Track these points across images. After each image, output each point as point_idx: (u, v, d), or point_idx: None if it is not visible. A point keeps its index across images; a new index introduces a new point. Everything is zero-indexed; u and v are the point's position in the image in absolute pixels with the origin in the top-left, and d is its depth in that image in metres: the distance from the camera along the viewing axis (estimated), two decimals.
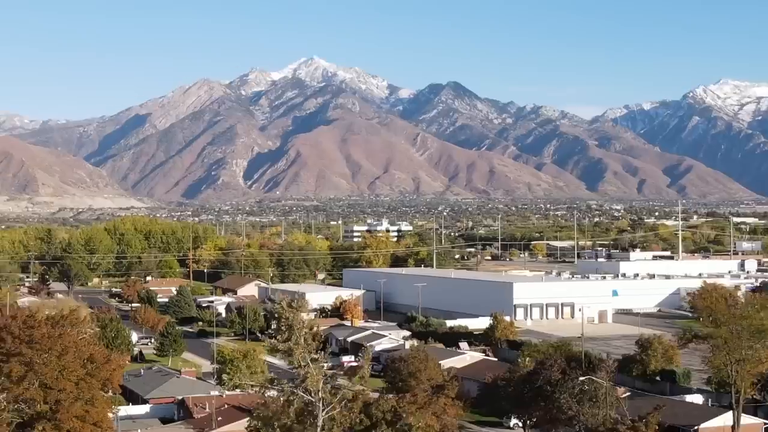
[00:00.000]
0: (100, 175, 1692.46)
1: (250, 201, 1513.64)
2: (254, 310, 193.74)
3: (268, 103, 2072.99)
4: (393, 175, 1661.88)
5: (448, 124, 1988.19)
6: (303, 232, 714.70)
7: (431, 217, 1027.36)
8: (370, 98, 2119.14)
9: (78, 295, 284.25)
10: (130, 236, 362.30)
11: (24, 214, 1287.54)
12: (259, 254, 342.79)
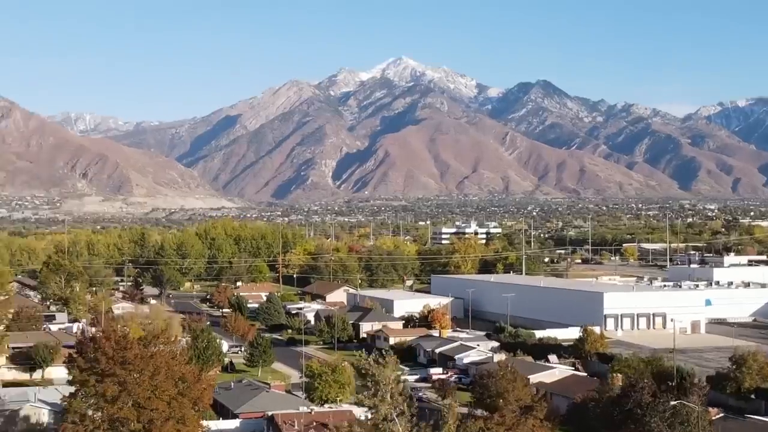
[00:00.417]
0: (191, 176, 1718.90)
1: (339, 201, 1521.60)
2: (343, 319, 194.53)
3: (357, 103, 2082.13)
4: (482, 174, 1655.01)
5: (537, 123, 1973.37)
6: (391, 234, 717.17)
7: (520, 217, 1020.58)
8: (459, 97, 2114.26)
9: (170, 300, 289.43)
10: (221, 241, 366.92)
11: (118, 215, 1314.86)
12: (348, 259, 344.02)
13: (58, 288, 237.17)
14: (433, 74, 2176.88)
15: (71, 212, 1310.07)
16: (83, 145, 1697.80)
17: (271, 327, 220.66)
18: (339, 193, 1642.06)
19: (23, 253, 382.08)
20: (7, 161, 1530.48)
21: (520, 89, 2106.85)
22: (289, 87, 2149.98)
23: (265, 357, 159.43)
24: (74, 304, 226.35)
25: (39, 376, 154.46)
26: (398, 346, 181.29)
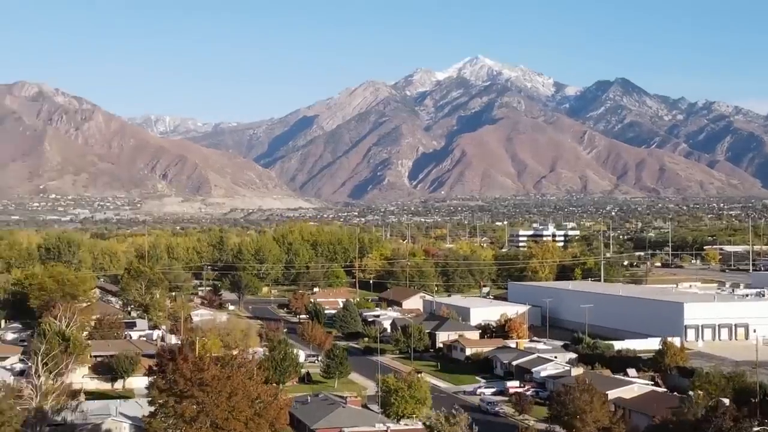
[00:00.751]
0: (269, 176, 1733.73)
1: (415, 201, 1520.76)
2: (419, 329, 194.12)
3: (433, 103, 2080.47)
4: (559, 174, 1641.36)
5: (616, 122, 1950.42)
6: (468, 235, 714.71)
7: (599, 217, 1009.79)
8: (536, 96, 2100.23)
9: (248, 306, 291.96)
10: (298, 245, 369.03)
11: (197, 215, 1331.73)
12: (424, 264, 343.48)
13: (139, 294, 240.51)
14: (510, 73, 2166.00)
15: (151, 213, 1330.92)
16: (163, 146, 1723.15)
17: (348, 335, 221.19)
18: (415, 193, 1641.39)
19: (105, 257, 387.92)
20: (90, 163, 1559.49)
21: (598, 87, 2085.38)
22: (365, 87, 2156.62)
23: (342, 368, 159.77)
24: (154, 310, 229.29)
25: (120, 386, 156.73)
26: (474, 357, 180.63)
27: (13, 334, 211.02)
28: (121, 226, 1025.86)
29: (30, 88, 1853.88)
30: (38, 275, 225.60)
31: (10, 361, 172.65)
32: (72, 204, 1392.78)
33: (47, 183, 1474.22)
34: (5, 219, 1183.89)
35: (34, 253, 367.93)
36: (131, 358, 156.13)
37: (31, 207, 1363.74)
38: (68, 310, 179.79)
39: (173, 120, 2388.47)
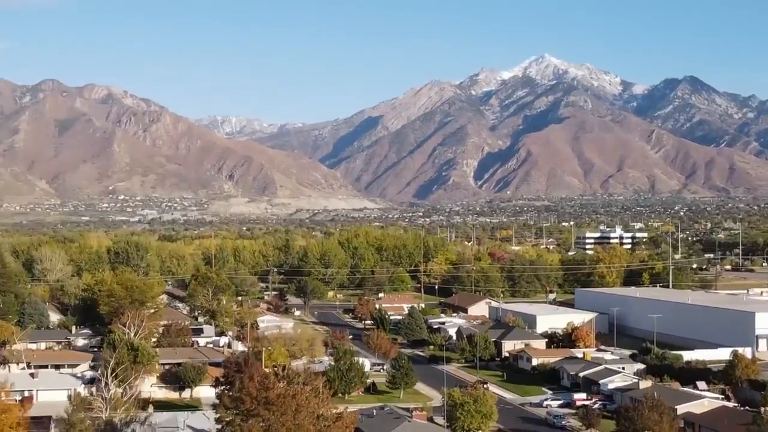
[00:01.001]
0: (334, 177, 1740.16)
1: (481, 201, 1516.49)
2: (485, 338, 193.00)
3: (499, 102, 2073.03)
4: (627, 173, 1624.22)
5: (684, 120, 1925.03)
6: (533, 236, 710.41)
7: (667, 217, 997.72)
8: (603, 95, 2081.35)
9: (313, 311, 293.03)
10: (363, 249, 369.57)
11: (263, 216, 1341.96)
12: (490, 269, 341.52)
13: (206, 300, 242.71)
14: (576, 72, 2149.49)
15: (218, 214, 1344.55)
16: (229, 147, 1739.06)
17: (413, 342, 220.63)
18: (480, 193, 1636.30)
19: (173, 260, 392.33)
20: (157, 164, 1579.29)
21: (666, 86, 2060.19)
22: (430, 87, 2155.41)
23: (407, 379, 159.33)
24: (221, 316, 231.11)
25: (188, 396, 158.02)
26: (541, 367, 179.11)
27: (84, 340, 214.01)
28: (189, 227, 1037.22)
29: (99, 90, 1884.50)
30: (107, 281, 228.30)
31: (80, 368, 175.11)
32: (140, 205, 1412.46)
33: (116, 184, 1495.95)
34: (76, 220, 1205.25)
35: (104, 256, 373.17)
36: (198, 368, 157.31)
37: (101, 208, 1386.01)
38: (137, 317, 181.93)
39: (239, 121, 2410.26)
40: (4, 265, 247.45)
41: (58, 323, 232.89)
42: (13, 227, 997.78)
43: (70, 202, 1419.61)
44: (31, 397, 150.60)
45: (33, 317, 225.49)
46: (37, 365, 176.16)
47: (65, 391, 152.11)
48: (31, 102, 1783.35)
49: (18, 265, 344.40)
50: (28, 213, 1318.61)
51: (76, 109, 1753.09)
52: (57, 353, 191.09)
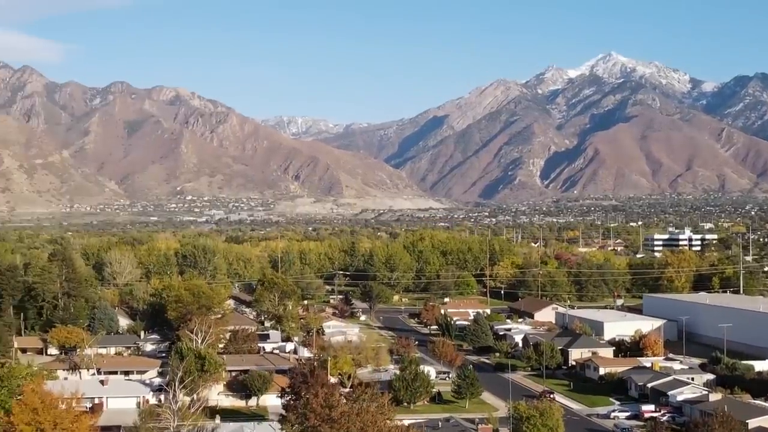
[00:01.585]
0: (399, 177, 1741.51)
1: (547, 201, 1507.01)
2: (551, 347, 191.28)
3: (565, 101, 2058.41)
4: (696, 172, 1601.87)
5: (755, 118, 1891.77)
6: (601, 236, 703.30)
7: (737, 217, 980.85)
8: (671, 93, 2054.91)
9: (379, 316, 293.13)
10: (428, 253, 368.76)
11: (329, 216, 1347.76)
12: (556, 273, 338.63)
13: (272, 306, 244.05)
14: (644, 70, 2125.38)
15: (284, 214, 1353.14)
16: (295, 147, 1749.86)
17: (479, 349, 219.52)
18: (547, 192, 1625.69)
19: (239, 263, 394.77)
20: (225, 164, 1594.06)
21: (736, 83, 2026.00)
22: (496, 86, 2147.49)
23: (473, 389, 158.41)
24: (287, 322, 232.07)
25: (254, 404, 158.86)
26: (608, 377, 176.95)
27: (152, 345, 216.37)
28: (255, 227, 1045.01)
29: (167, 92, 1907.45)
30: (175, 287, 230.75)
31: (148, 375, 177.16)
32: (207, 205, 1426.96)
33: (184, 185, 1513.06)
34: (144, 220, 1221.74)
35: (172, 259, 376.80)
36: (264, 376, 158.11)
37: (169, 208, 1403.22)
38: (204, 323, 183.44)
39: (305, 121, 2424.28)
40: (74, 270, 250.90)
41: (127, 328, 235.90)
42: (84, 228, 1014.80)
43: (138, 202, 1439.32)
44: (102, 404, 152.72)
45: (103, 322, 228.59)
46: (107, 371, 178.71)
47: (134, 399, 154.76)
48: (100, 104, 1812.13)
49: (88, 268, 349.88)
50: (98, 213, 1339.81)
51: (145, 110, 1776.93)
52: (126, 359, 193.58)
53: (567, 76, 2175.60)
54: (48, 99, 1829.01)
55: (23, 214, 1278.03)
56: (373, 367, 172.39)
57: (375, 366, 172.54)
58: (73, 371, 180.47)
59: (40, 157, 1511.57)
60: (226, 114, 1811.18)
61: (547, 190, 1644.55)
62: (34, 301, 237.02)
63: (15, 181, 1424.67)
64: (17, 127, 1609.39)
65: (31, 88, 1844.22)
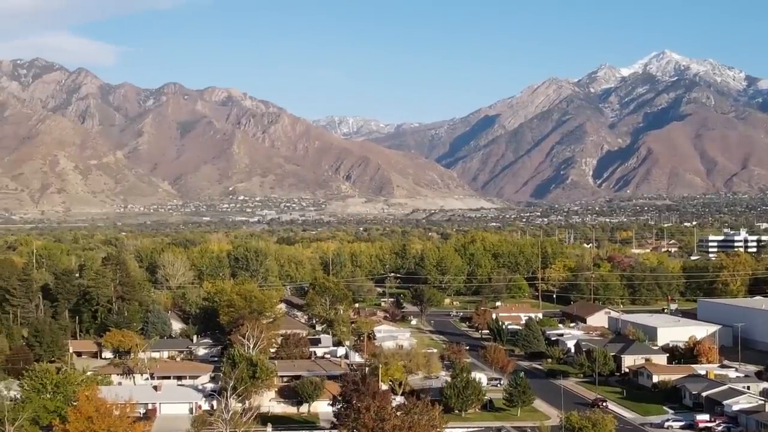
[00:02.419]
0: (450, 177, 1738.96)
1: (600, 200, 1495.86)
2: (604, 353, 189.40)
3: (618, 99, 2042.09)
4: (752, 171, 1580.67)
5: None
6: (654, 237, 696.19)
7: None
8: (726, 91, 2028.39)
9: (430, 319, 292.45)
10: (480, 256, 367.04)
11: (380, 216, 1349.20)
12: (609, 277, 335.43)
13: (323, 310, 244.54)
14: (698, 68, 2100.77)
15: (335, 213, 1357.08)
16: (346, 147, 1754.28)
17: (530, 355, 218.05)
18: (599, 192, 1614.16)
19: (291, 264, 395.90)
20: (276, 165, 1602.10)
21: None
22: (548, 85, 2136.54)
23: (525, 397, 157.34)
24: (338, 326, 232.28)
25: (305, 410, 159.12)
26: (662, 385, 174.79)
27: (204, 349, 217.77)
28: (307, 227, 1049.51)
29: (220, 93, 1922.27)
30: (227, 291, 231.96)
31: (201, 380, 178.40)
32: (259, 205, 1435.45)
33: (236, 185, 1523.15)
34: (197, 220, 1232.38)
35: (224, 261, 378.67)
36: (316, 383, 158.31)
37: (221, 208, 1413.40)
38: (255, 328, 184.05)
39: (356, 121, 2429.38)
40: (128, 274, 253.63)
41: (180, 332, 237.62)
42: (137, 228, 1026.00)
43: (191, 202, 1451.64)
44: (155, 410, 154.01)
45: (156, 326, 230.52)
46: (160, 376, 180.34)
47: (187, 405, 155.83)
48: (154, 105, 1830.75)
49: (142, 270, 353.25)
50: (152, 214, 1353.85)
51: (197, 111, 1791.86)
52: (179, 364, 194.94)
53: (620, 75, 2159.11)
54: (102, 100, 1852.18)
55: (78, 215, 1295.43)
56: (424, 374, 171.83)
57: (426, 373, 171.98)
58: (126, 376, 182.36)
59: (95, 158, 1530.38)
60: (278, 114, 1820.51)
61: (599, 190, 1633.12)
62: (88, 305, 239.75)
63: (70, 182, 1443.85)
64: (72, 129, 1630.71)
65: (86, 89, 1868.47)
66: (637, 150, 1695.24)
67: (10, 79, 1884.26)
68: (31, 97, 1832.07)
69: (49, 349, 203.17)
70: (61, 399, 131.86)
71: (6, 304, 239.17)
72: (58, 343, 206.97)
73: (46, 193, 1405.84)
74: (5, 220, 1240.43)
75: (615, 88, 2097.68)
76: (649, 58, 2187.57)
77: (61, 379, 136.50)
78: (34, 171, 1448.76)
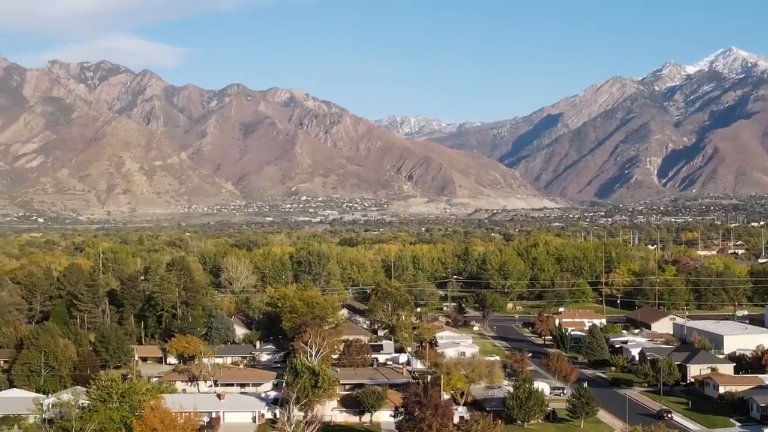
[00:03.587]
0: (513, 176, 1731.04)
1: (665, 200, 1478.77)
2: (669, 363, 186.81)
3: (683, 98, 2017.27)
4: None
5: None
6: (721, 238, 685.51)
7: None
8: None
9: (492, 325, 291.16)
10: (543, 260, 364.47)
11: (442, 216, 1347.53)
12: (674, 282, 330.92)
13: (385, 316, 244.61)
14: (766, 64, 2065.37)
15: (397, 214, 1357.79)
16: (408, 147, 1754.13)
17: (594, 362, 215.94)
18: (664, 191, 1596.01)
19: (353, 267, 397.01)
20: (338, 165, 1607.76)
21: None
22: (611, 84, 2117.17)
23: (588, 408, 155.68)
24: (400, 332, 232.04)
25: (367, 420, 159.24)
26: (728, 396, 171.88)
27: (267, 355, 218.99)
28: (369, 227, 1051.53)
29: (282, 94, 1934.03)
30: (290, 296, 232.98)
31: (264, 387, 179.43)
32: (322, 205, 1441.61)
33: (298, 185, 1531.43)
34: (260, 220, 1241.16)
35: (287, 263, 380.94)
36: (378, 393, 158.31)
37: (284, 208, 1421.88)
38: (317, 335, 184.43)
39: (418, 121, 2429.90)
40: (192, 279, 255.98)
41: (243, 338, 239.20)
42: (201, 228, 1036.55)
43: (254, 203, 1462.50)
44: (219, 419, 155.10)
45: (219, 331, 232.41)
46: (224, 383, 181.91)
47: (250, 413, 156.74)
48: (217, 106, 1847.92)
49: (206, 274, 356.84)
50: (215, 214, 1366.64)
51: (260, 112, 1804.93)
52: (242, 371, 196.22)
53: (685, 72, 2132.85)
54: (167, 102, 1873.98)
55: (143, 215, 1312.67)
56: (486, 384, 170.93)
57: (488, 382, 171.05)
58: (191, 383, 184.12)
59: (159, 158, 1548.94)
60: (340, 115, 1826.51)
61: (664, 189, 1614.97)
62: (153, 310, 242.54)
63: (136, 183, 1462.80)
64: (137, 130, 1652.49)
65: (151, 91, 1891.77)
66: (703, 148, 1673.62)
67: (78, 82, 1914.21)
68: (98, 99, 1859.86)
69: (115, 355, 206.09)
70: (127, 409, 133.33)
71: (73, 309, 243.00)
72: (123, 349, 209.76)
73: (112, 194, 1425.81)
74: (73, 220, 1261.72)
75: (680, 86, 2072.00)
76: (715, 56, 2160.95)
77: (126, 388, 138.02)
78: (101, 172, 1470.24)
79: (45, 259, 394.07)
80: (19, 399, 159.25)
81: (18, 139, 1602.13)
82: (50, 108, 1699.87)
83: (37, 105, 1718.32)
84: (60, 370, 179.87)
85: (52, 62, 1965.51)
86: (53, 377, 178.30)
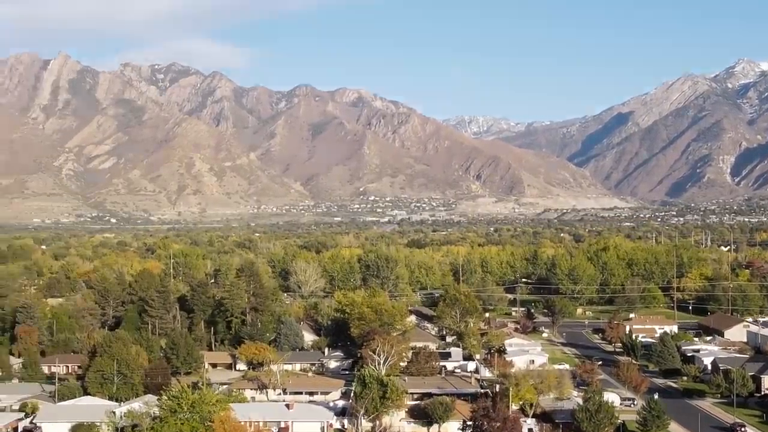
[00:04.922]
0: (583, 176, 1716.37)
1: (738, 199, 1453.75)
2: (742, 375, 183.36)
3: (757, 95, 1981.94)
4: None
5: None
6: None
7: None
8: None
9: (562, 331, 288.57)
10: (613, 264, 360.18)
11: (510, 215, 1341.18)
12: (748, 287, 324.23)
13: (453, 323, 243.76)
14: None
15: (465, 213, 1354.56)
16: (476, 147, 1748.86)
17: (665, 371, 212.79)
18: (738, 190, 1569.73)
19: (421, 270, 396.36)
20: (406, 165, 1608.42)
21: None
22: (683, 81, 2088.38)
23: (659, 422, 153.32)
24: (468, 339, 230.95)
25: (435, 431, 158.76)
26: None
27: (336, 362, 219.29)
28: (437, 227, 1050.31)
29: (350, 94, 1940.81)
30: (358, 303, 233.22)
31: (332, 396, 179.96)
32: (390, 205, 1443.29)
33: (366, 185, 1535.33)
34: (328, 220, 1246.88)
35: (355, 266, 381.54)
36: (446, 404, 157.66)
37: (352, 208, 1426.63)
38: (386, 342, 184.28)
39: (486, 121, 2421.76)
40: (261, 285, 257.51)
41: (312, 344, 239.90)
42: (270, 228, 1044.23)
43: (323, 203, 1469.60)
44: (287, 428, 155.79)
45: (288, 338, 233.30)
46: (293, 391, 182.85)
47: (318, 423, 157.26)
48: (286, 107, 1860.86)
49: (275, 277, 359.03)
50: (284, 214, 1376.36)
51: (328, 112, 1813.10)
52: (311, 380, 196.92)
53: (759, 69, 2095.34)
54: (236, 103, 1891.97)
55: (213, 215, 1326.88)
56: (556, 396, 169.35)
57: (557, 394, 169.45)
58: (260, 390, 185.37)
59: (229, 159, 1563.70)
60: (408, 114, 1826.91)
61: (738, 188, 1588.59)
62: (223, 316, 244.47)
63: (206, 183, 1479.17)
64: (207, 131, 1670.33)
65: (221, 93, 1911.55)
66: None
67: (149, 84, 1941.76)
68: (168, 100, 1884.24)
69: (185, 362, 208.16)
70: (197, 419, 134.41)
71: (145, 315, 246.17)
72: (193, 355, 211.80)
73: (183, 195, 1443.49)
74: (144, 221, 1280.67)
75: (754, 83, 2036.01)
76: None
77: (196, 399, 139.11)
78: (171, 173, 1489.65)
79: (117, 261, 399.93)
80: (92, 406, 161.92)
81: (91, 141, 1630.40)
82: (122, 110, 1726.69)
83: (109, 107, 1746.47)
84: (132, 377, 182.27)
85: (124, 65, 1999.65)
86: (125, 384, 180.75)
